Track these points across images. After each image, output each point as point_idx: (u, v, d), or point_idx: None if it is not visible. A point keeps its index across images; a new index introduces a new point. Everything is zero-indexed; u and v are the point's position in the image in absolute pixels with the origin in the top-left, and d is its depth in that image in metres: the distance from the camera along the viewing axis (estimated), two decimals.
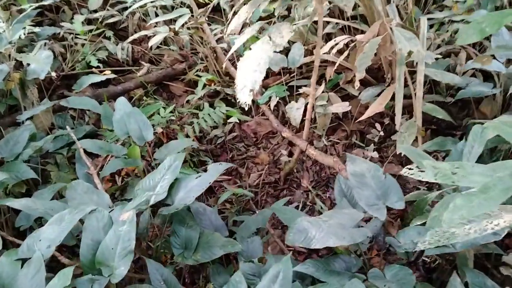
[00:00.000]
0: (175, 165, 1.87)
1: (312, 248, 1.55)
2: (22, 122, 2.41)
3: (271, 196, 2.55)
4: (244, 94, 1.70)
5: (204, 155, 2.74)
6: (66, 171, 2.32)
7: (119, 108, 2.44)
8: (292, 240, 1.59)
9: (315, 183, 2.57)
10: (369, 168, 1.85)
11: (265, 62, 1.70)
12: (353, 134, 2.76)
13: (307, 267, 1.64)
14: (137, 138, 2.31)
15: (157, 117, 2.64)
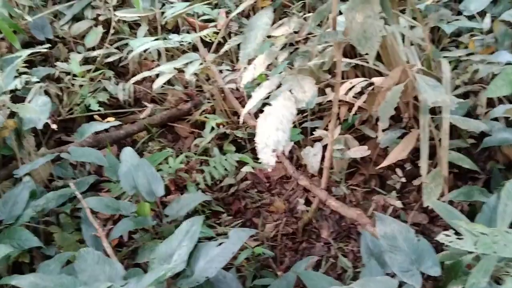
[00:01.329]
0: (193, 231, 1.72)
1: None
2: (20, 179, 2.25)
3: (289, 249, 2.39)
4: (266, 155, 1.57)
5: (216, 205, 2.58)
6: (71, 232, 2.15)
7: (126, 160, 2.29)
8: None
9: (336, 234, 2.42)
10: (400, 229, 1.71)
11: (288, 120, 1.57)
12: (372, 179, 2.62)
13: None
14: (146, 193, 2.16)
15: (165, 166, 2.49)
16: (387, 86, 2.16)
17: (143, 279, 1.56)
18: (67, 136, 3.06)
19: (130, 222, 2.02)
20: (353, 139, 2.57)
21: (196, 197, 2.19)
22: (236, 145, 2.83)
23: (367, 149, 2.45)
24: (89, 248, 1.75)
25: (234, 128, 2.86)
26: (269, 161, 1.56)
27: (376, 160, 2.62)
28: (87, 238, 2.00)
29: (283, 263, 2.33)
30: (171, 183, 2.71)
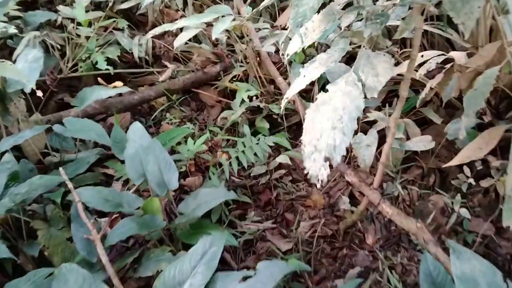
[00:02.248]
0: (212, 254, 1.31)
1: None
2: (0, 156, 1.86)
3: (327, 256, 1.98)
4: (315, 164, 1.12)
5: (243, 193, 2.17)
6: (60, 227, 1.77)
7: (133, 139, 1.88)
8: None
9: (384, 240, 1.99)
10: (483, 270, 1.26)
11: (351, 117, 1.10)
12: (431, 174, 2.14)
13: None
14: (156, 184, 1.76)
15: (184, 147, 2.06)
16: (474, 67, 1.64)
17: None
18: (72, 97, 2.62)
19: (132, 224, 1.63)
20: (414, 125, 2.07)
21: (218, 193, 1.78)
22: (270, 121, 2.36)
23: (431, 140, 1.95)
24: (71, 265, 1.36)
25: (269, 101, 2.39)
26: (318, 173, 1.11)
27: (439, 153, 2.13)
28: (77, 241, 1.62)
29: (318, 273, 1.92)
30: (190, 164, 2.30)
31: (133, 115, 2.64)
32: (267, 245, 2.00)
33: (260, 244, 2.02)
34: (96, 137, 1.93)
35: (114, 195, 1.73)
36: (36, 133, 1.87)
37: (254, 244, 2.03)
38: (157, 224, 1.68)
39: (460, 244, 1.90)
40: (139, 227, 1.63)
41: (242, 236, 2.00)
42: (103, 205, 1.68)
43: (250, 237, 2.00)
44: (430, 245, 1.58)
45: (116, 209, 1.69)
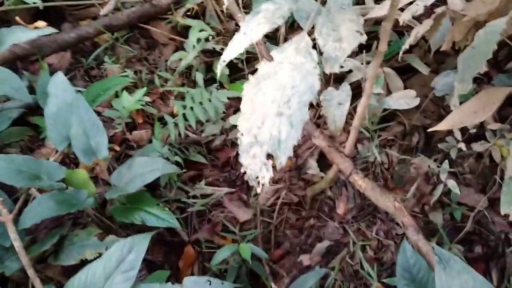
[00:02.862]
0: (130, 263, 1.03)
1: None
2: None
3: (291, 227, 1.73)
4: (254, 161, 0.82)
5: (196, 151, 1.87)
6: None
7: (55, 94, 1.54)
8: None
9: (357, 209, 1.74)
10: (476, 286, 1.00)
11: (302, 101, 0.77)
12: (414, 132, 1.85)
13: None
14: (81, 151, 1.45)
15: (119, 103, 1.71)
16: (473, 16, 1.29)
17: None
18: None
19: (50, 204, 1.33)
20: (396, 76, 1.75)
21: (155, 164, 1.47)
22: (230, 65, 1.99)
23: (415, 95, 1.64)
24: None
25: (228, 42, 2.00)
26: (258, 173, 0.81)
27: (425, 107, 1.82)
28: None
29: (281, 247, 1.69)
30: (138, 115, 1.97)
31: (73, 54, 2.24)
32: (224, 214, 1.75)
33: (216, 212, 1.77)
34: (12, 92, 1.57)
35: (30, 165, 1.42)
36: None
37: (209, 212, 1.77)
38: (81, 201, 1.39)
39: (447, 219, 1.68)
40: (59, 207, 1.34)
41: (196, 201, 1.74)
42: (15, 178, 1.36)
43: (204, 202, 1.74)
44: (410, 231, 1.33)
45: (32, 183, 1.38)
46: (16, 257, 1.34)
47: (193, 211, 1.74)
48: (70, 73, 2.13)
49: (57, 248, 1.39)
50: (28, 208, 1.33)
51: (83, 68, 2.18)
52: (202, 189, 1.78)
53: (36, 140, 1.89)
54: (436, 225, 1.64)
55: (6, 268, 1.31)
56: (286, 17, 0.82)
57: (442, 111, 1.83)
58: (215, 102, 1.64)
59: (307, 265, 1.65)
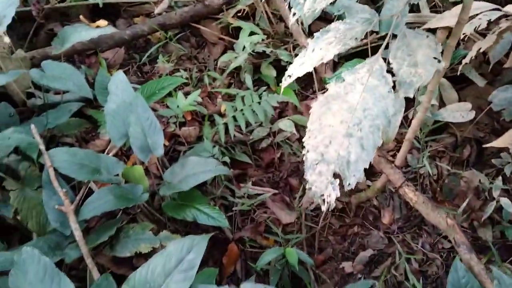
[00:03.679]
0: (189, 262, 1.07)
1: None
2: None
3: (335, 233, 1.74)
4: (319, 178, 0.84)
5: (241, 151, 1.90)
6: (35, 188, 1.55)
7: (115, 92, 1.59)
8: None
9: (402, 220, 1.74)
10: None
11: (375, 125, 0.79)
12: (466, 144, 1.82)
13: None
14: (138, 148, 1.50)
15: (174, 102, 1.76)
16: None
17: None
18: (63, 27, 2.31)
19: (109, 197, 1.39)
20: (451, 88, 1.73)
21: (208, 165, 1.51)
22: (278, 67, 2.02)
23: (470, 108, 1.62)
24: (33, 251, 1.15)
25: (278, 45, 2.03)
26: (324, 191, 0.83)
27: (479, 119, 1.79)
28: (49, 210, 1.41)
29: (323, 252, 1.71)
30: (187, 112, 2.02)
31: (127, 50, 2.32)
32: (267, 215, 1.78)
33: (259, 211, 1.80)
34: (75, 88, 1.64)
35: (91, 159, 1.48)
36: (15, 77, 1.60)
37: (253, 212, 1.80)
38: (137, 196, 1.44)
39: (497, 236, 1.65)
40: (117, 201, 1.40)
41: (240, 200, 1.78)
42: (77, 171, 1.43)
43: (248, 202, 1.77)
44: (463, 249, 1.32)
45: (92, 176, 1.45)
46: (75, 245, 1.41)
47: (237, 210, 1.77)
48: (123, 68, 2.20)
49: (113, 239, 1.45)
50: (88, 200, 1.40)
51: (136, 64, 2.25)
52: (247, 189, 1.81)
53: (91, 131, 1.97)
54: (485, 242, 1.62)
55: (66, 255, 1.37)
56: (359, 38, 0.83)
57: (496, 125, 1.80)
58: (265, 106, 1.67)
59: (349, 273, 1.66)
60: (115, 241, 1.45)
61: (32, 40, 2.24)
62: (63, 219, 1.41)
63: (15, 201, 1.49)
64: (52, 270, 1.15)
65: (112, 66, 2.21)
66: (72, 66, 1.69)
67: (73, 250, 1.41)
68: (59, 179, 1.45)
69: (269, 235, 1.73)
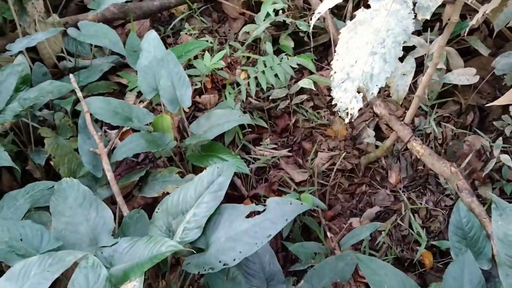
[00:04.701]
0: (218, 184, 1.20)
1: None
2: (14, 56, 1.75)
3: (344, 191, 1.86)
4: (345, 94, 0.96)
5: (258, 116, 2.02)
6: (68, 137, 1.68)
7: (147, 49, 1.72)
8: None
9: (408, 180, 1.85)
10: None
11: (397, 41, 0.91)
12: (469, 111, 1.94)
13: None
14: (168, 100, 1.62)
15: (201, 62, 1.89)
16: None
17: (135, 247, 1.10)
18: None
19: (141, 141, 1.52)
20: (457, 55, 1.84)
21: (232, 116, 1.64)
22: (296, 39, 2.14)
23: (475, 73, 1.74)
24: (73, 180, 1.28)
25: (296, 17, 2.15)
26: (348, 105, 0.95)
27: (482, 88, 1.91)
28: (83, 153, 1.54)
29: (332, 209, 1.83)
30: (208, 79, 2.14)
31: (152, 23, 2.46)
32: (281, 174, 1.89)
33: (273, 172, 1.91)
34: (110, 44, 1.78)
35: (124, 108, 1.61)
36: (51, 35, 1.75)
37: (267, 172, 1.92)
38: (166, 142, 1.57)
39: (497, 194, 1.76)
40: (148, 144, 1.53)
41: (255, 162, 1.90)
42: (112, 117, 1.57)
43: (263, 164, 1.89)
44: (465, 193, 1.43)
45: (125, 123, 1.58)
46: (106, 186, 1.53)
47: (253, 169, 1.89)
48: None
49: (141, 183, 1.57)
50: (122, 143, 1.53)
51: (160, 35, 2.37)
52: (261, 150, 1.93)
53: (116, 96, 2.10)
54: (485, 200, 1.73)
55: (98, 195, 1.50)
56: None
57: (498, 93, 1.91)
58: (285, 66, 1.79)
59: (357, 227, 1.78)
60: (143, 183, 1.58)
61: (62, 12, 2.38)
62: (96, 162, 1.54)
63: (49, 148, 1.63)
64: (90, 197, 1.28)
65: (138, 37, 2.33)
66: (106, 26, 1.82)
67: (104, 190, 1.54)
68: (94, 124, 1.57)
69: (283, 189, 1.84)
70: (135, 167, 1.91)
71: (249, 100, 2.03)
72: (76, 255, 1.06)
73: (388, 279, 1.21)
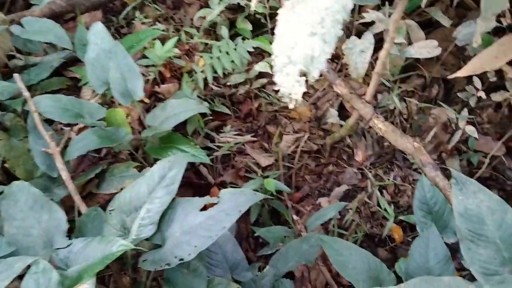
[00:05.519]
0: (171, 178, 1.15)
1: None
2: None
3: (311, 172, 1.84)
4: (287, 78, 0.91)
5: (220, 103, 1.97)
6: (21, 138, 1.61)
7: (94, 42, 1.64)
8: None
9: (375, 157, 1.83)
10: (491, 206, 1.07)
11: (336, 20, 0.87)
12: (434, 84, 1.93)
13: None
14: (119, 93, 1.56)
15: (152, 52, 1.82)
16: None
17: (88, 247, 1.05)
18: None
19: (93, 137, 1.46)
20: (418, 27, 1.81)
21: (188, 105, 1.58)
22: (253, 21, 2.08)
23: (436, 45, 1.71)
24: (23, 183, 1.22)
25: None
26: (291, 90, 0.91)
27: (445, 60, 1.89)
28: (36, 154, 1.47)
29: (300, 190, 1.80)
30: (166, 68, 2.07)
31: (104, 14, 2.36)
32: (246, 160, 1.86)
33: (239, 158, 1.87)
34: (56, 40, 1.70)
35: (74, 104, 1.54)
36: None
37: (233, 158, 1.88)
38: (121, 137, 1.51)
39: (464, 165, 1.76)
40: (101, 140, 1.46)
41: (220, 149, 1.85)
42: (61, 115, 1.50)
43: (228, 151, 1.85)
44: (428, 168, 1.40)
45: (76, 120, 1.51)
46: (63, 186, 1.47)
47: (218, 157, 1.85)
48: None
49: (99, 179, 1.52)
50: (74, 140, 1.46)
51: (113, 26, 2.29)
52: (226, 136, 1.88)
53: (73, 91, 2.02)
54: None
55: (54, 195, 1.44)
56: None
57: (462, 63, 1.90)
58: (241, 52, 1.73)
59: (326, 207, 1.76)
60: (101, 180, 1.52)
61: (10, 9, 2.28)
62: (50, 162, 1.48)
63: (2, 150, 1.55)
64: (41, 199, 1.23)
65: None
66: (51, 21, 1.74)
67: (61, 190, 1.47)
68: (44, 124, 1.50)
69: (249, 175, 1.81)
70: (98, 163, 1.85)
71: (210, 87, 1.97)
72: (26, 261, 1.02)
73: (352, 259, 1.20)
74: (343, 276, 1.15)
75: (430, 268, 1.22)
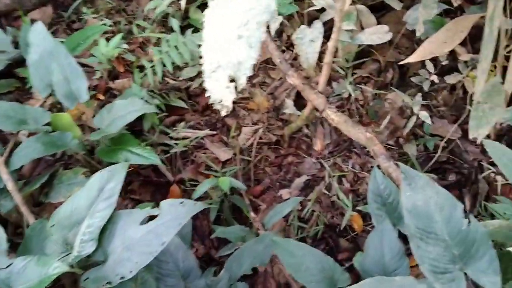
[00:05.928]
0: (109, 191, 1.11)
1: None
2: None
3: (271, 164, 1.82)
4: (218, 84, 0.88)
5: (176, 97, 1.92)
6: None
7: (36, 43, 1.57)
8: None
9: (333, 145, 1.82)
10: (439, 202, 1.05)
11: (259, 22, 0.83)
12: (389, 68, 1.91)
13: None
14: (63, 96, 1.50)
15: (98, 50, 1.75)
16: None
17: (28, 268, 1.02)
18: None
19: (37, 145, 1.41)
20: (368, 12, 1.78)
21: (135, 105, 1.53)
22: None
23: (387, 30, 1.69)
24: None
25: None
26: (221, 96, 0.88)
27: (399, 43, 1.87)
28: None
29: (261, 183, 1.78)
30: (119, 63, 2.01)
31: (55, 9, 2.26)
32: (206, 155, 1.82)
33: (199, 153, 1.84)
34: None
35: (17, 110, 1.48)
36: None
37: (192, 153, 1.85)
38: (67, 141, 1.46)
39: (421, 150, 1.76)
40: (45, 148, 1.41)
41: (178, 143, 1.81)
42: (3, 123, 1.43)
43: (186, 146, 1.81)
44: (381, 158, 1.40)
45: (19, 127, 1.45)
46: (10, 197, 1.42)
47: (177, 153, 1.81)
48: (53, 27, 2.16)
49: (48, 188, 1.47)
50: (17, 150, 1.41)
51: (65, 22, 2.20)
52: (183, 131, 1.84)
53: (24, 93, 1.94)
54: (410, 156, 1.73)
55: (2, 207, 1.39)
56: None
57: (416, 46, 1.88)
58: (191, 46, 1.68)
59: (287, 199, 1.75)
60: (49, 188, 1.47)
61: None
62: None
63: None
64: None
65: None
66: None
67: (8, 201, 1.42)
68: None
69: (209, 172, 1.78)
70: (53, 165, 1.80)
71: (166, 81, 1.92)
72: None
73: (306, 260, 1.19)
74: (297, 280, 1.14)
75: (385, 264, 1.21)
